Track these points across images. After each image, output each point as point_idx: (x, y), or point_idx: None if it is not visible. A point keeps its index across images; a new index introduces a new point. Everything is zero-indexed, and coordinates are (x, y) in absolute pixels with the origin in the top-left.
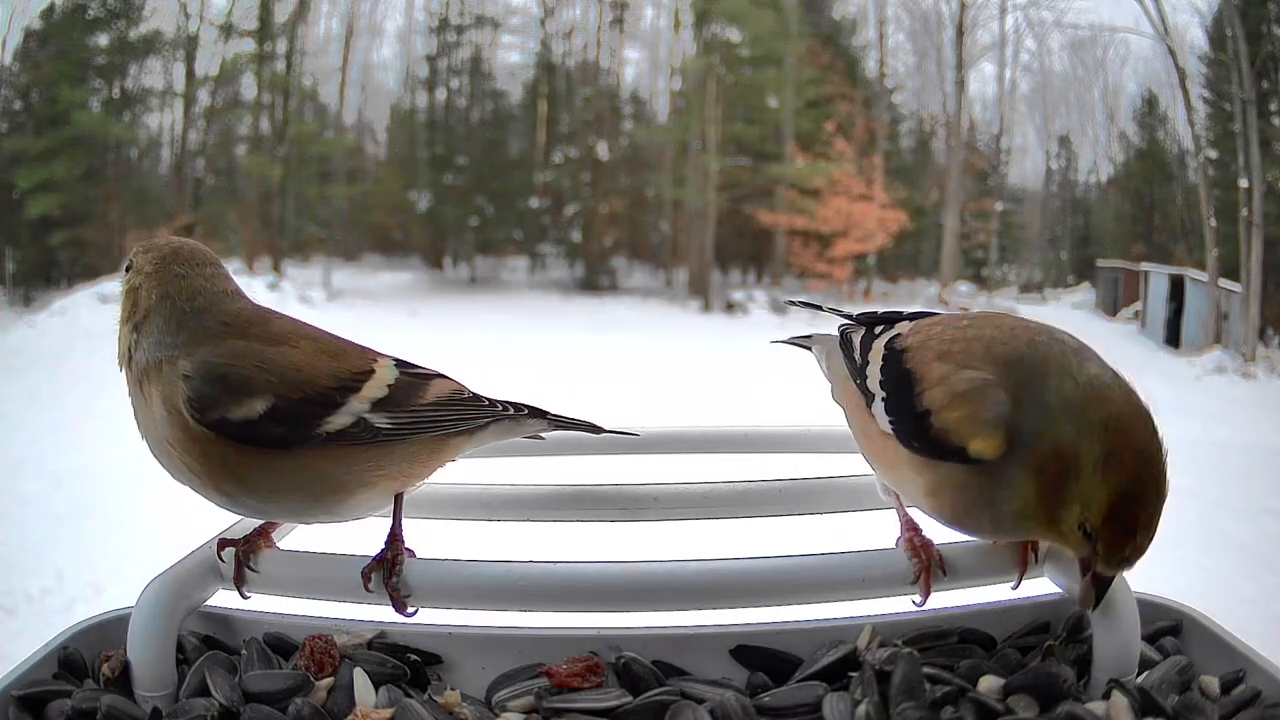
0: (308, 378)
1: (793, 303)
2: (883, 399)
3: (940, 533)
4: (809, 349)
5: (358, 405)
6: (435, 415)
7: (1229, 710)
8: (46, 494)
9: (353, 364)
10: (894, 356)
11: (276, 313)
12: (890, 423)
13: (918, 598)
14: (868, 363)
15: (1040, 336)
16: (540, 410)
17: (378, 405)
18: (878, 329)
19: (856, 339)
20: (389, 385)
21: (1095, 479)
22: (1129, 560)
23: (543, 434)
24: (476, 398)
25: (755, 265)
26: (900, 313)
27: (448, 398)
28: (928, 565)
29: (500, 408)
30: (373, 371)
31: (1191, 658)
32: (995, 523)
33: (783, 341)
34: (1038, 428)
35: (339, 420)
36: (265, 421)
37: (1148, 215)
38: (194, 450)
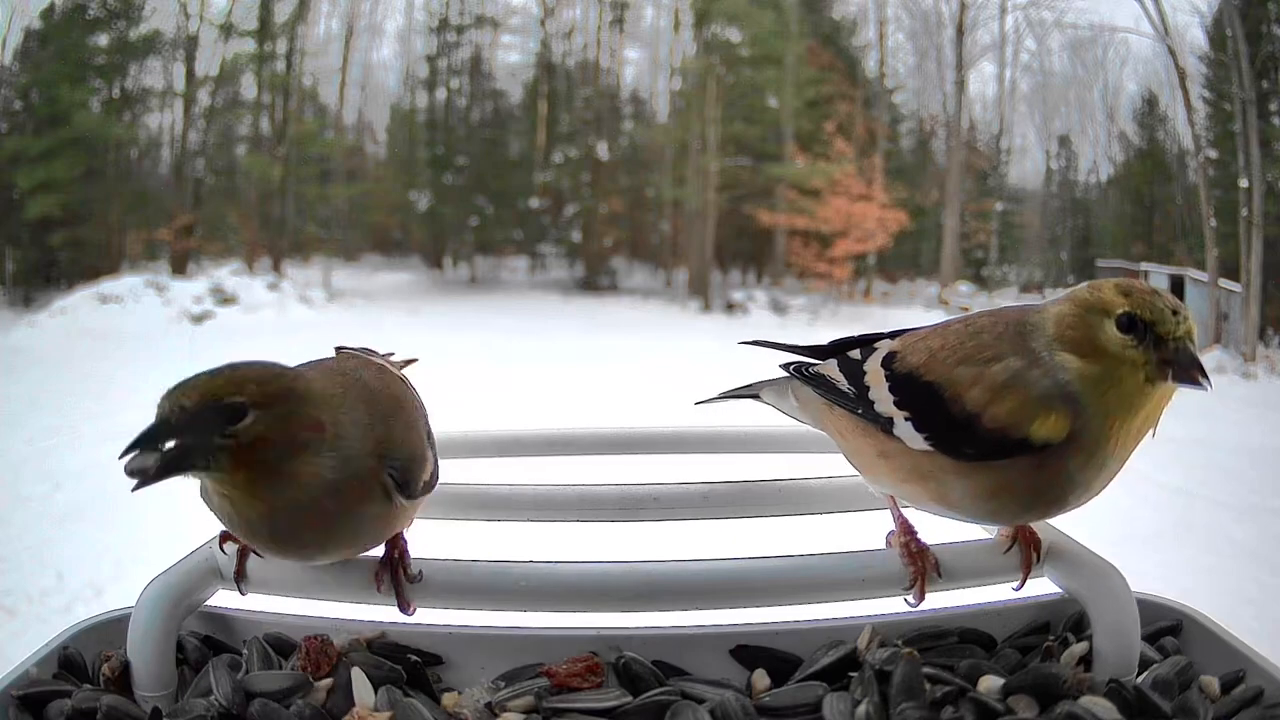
0: (423, 419)
1: (746, 343)
2: (906, 419)
3: (935, 534)
4: (756, 397)
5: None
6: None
7: (1229, 710)
8: (46, 494)
9: (413, 389)
10: (903, 375)
11: (346, 373)
12: (927, 438)
13: (912, 598)
14: (867, 388)
15: (1012, 313)
16: None
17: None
18: (853, 354)
19: (831, 372)
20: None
21: (1107, 290)
22: (1185, 320)
23: None
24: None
25: (755, 265)
26: (855, 337)
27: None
28: (923, 571)
29: None
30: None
31: (1192, 658)
32: (1073, 487)
33: (720, 398)
34: (1047, 335)
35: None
36: (435, 467)
37: (1148, 215)
38: (390, 526)
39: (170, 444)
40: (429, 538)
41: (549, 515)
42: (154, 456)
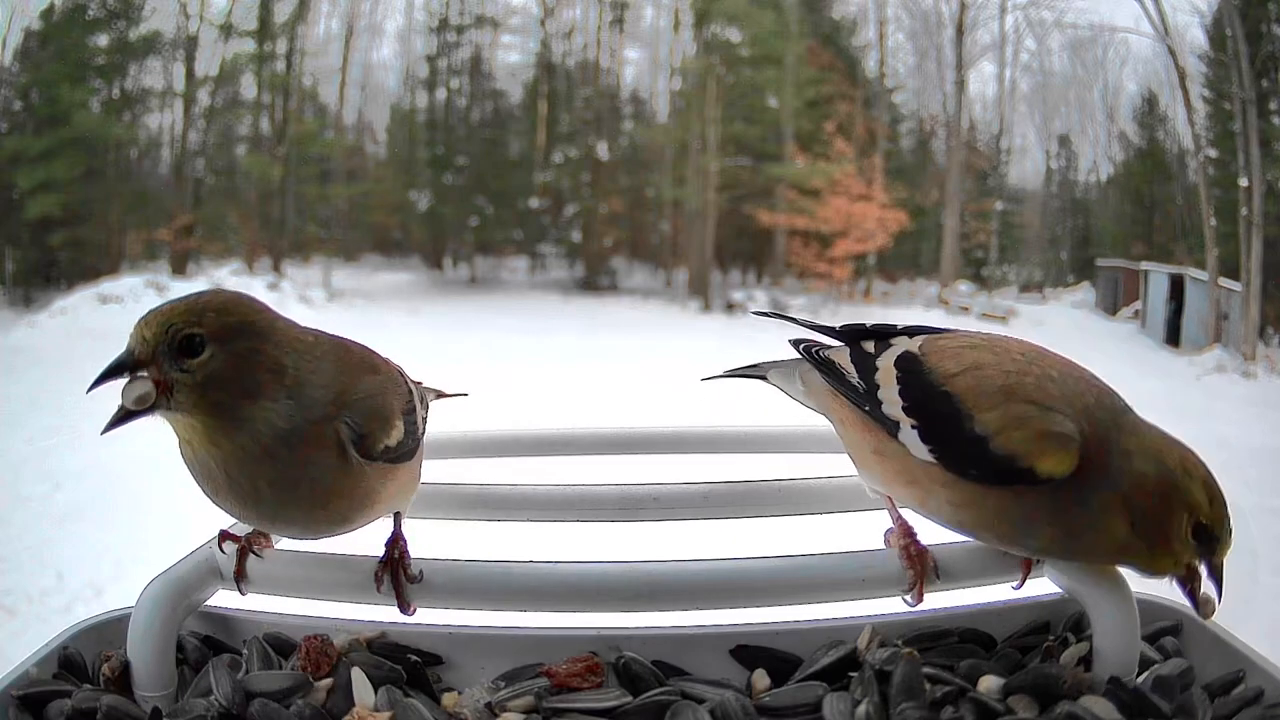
0: (403, 389)
1: (760, 313)
2: (913, 426)
3: (935, 534)
4: (763, 378)
5: (420, 408)
6: (420, 388)
7: (1229, 710)
8: (46, 494)
9: (398, 368)
10: (920, 380)
11: (324, 332)
12: (931, 450)
13: (911, 599)
14: (877, 385)
15: (1097, 384)
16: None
17: (420, 397)
18: (867, 346)
19: (843, 360)
20: (416, 385)
21: (1197, 486)
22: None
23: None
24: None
25: (755, 265)
26: (891, 326)
27: (405, 376)
28: (923, 573)
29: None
30: (403, 374)
31: (1192, 658)
32: (1056, 542)
33: (726, 375)
34: (1119, 466)
35: (424, 414)
36: (404, 438)
37: (1148, 215)
38: (352, 490)
39: (140, 376)
40: (429, 538)
41: (549, 515)
42: (141, 388)
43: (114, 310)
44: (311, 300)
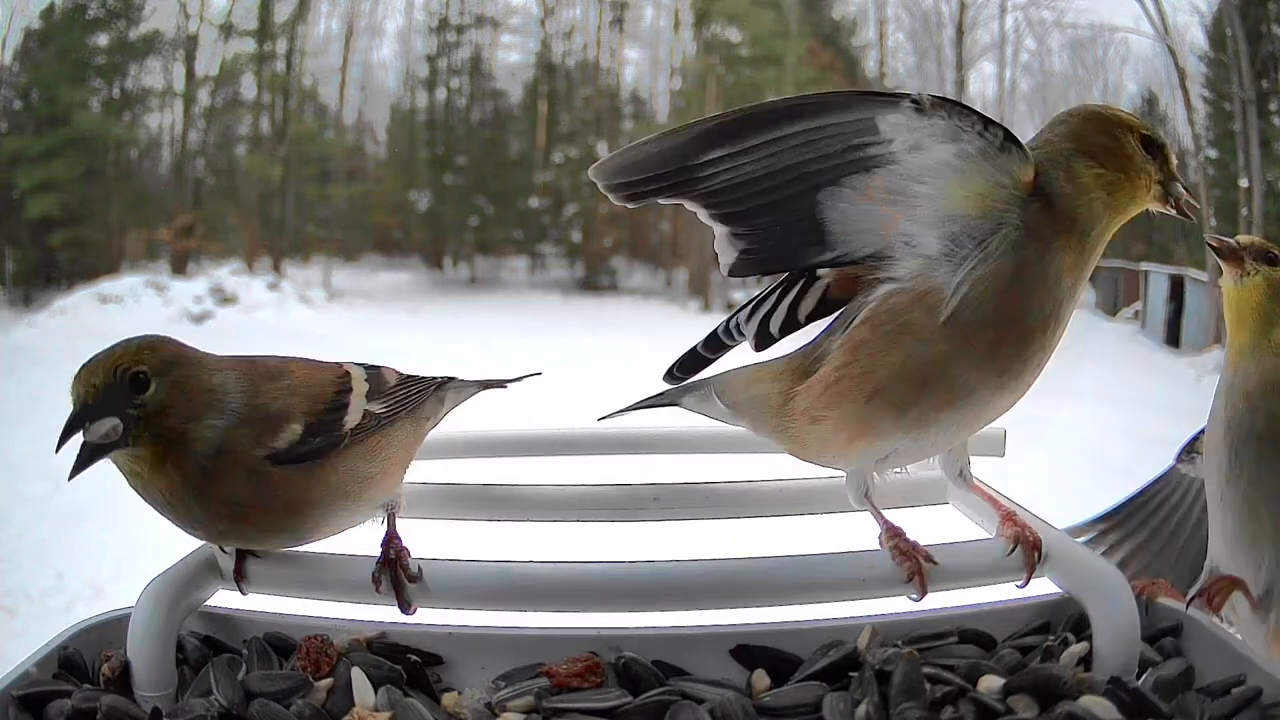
0: (318, 391)
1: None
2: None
3: (933, 535)
4: (676, 404)
5: (357, 401)
6: (404, 392)
7: (1229, 710)
8: (47, 494)
9: (336, 372)
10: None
11: (250, 355)
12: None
13: (915, 594)
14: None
15: None
16: (456, 377)
17: (368, 397)
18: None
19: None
20: (365, 380)
21: (1122, 111)
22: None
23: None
24: (414, 375)
25: None
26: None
27: (400, 379)
28: (920, 566)
29: (433, 379)
30: (348, 374)
31: (1192, 658)
32: (1058, 295)
33: (631, 409)
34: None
35: (352, 417)
36: (305, 437)
37: (1148, 215)
38: (253, 495)
39: (98, 424)
40: (429, 538)
41: (549, 515)
42: (109, 423)
43: (114, 310)
44: (311, 300)
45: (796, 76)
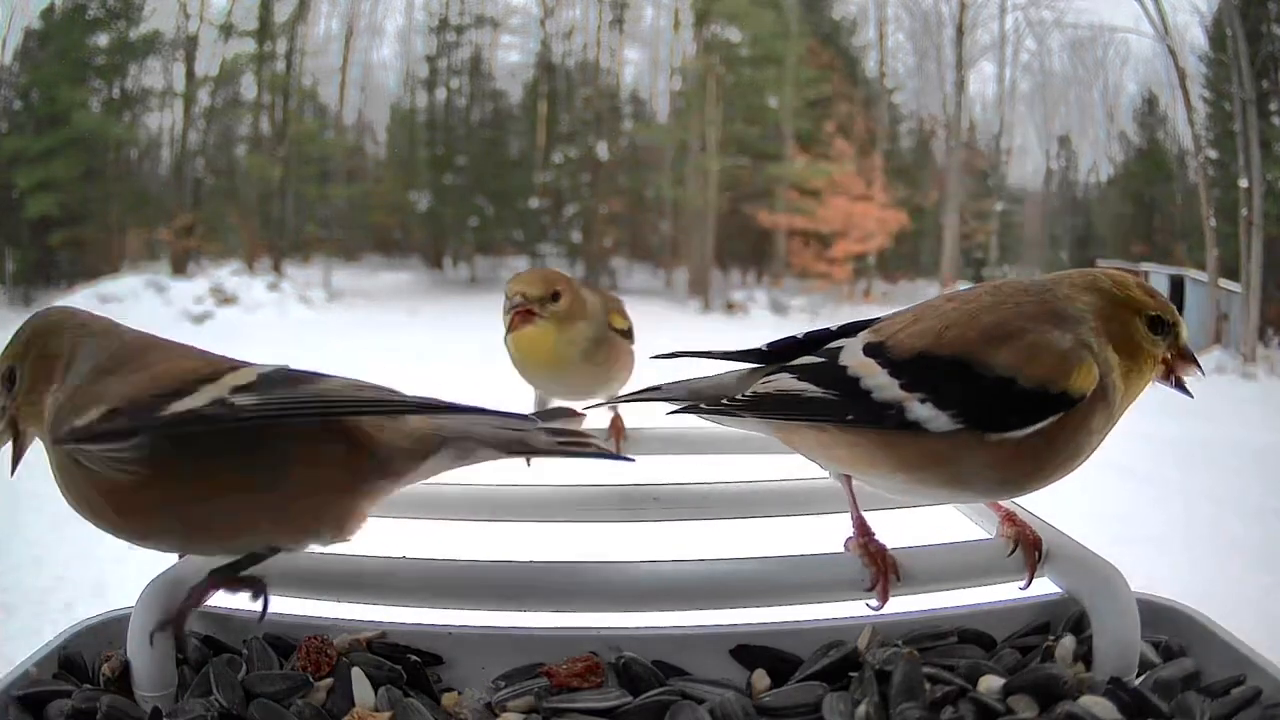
0: (155, 377)
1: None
2: (922, 400)
3: (935, 534)
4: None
5: (213, 391)
6: (324, 398)
7: (1229, 710)
8: (47, 494)
9: (216, 365)
10: (907, 359)
11: (160, 341)
12: (954, 415)
13: (874, 602)
14: (856, 380)
15: (1008, 286)
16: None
17: (240, 390)
18: (803, 362)
19: (785, 386)
20: (259, 375)
21: (1134, 290)
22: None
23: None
24: (397, 393)
25: (755, 265)
26: (778, 346)
27: (346, 384)
28: (885, 572)
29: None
30: (237, 369)
31: (1192, 658)
32: (1090, 445)
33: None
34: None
35: (190, 402)
36: (107, 415)
37: (1148, 215)
38: (72, 480)
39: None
40: (429, 538)
41: (549, 515)
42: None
43: (114, 310)
44: (311, 300)
45: (796, 76)
